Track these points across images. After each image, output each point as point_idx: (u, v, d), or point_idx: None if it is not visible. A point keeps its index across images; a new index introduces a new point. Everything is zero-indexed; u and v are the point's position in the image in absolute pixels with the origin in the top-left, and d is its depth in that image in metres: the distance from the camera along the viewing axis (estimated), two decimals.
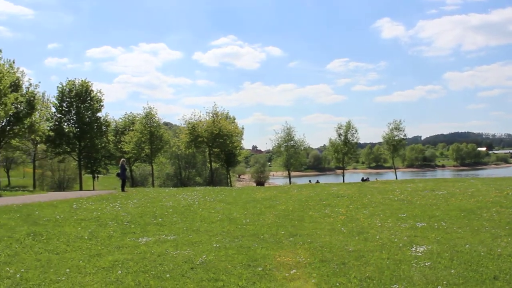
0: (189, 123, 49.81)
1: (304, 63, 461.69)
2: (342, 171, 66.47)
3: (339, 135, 62.15)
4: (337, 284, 6.36)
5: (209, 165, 56.55)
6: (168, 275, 6.81)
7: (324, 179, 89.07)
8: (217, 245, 8.96)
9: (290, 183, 57.86)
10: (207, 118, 50.25)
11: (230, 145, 49.93)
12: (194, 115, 50.82)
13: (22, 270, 7.13)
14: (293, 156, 61.85)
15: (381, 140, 66.96)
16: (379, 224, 11.23)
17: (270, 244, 9.12)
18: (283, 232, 10.40)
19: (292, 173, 67.14)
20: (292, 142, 62.93)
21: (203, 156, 61.91)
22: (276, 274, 6.87)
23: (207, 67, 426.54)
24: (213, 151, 51.27)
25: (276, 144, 63.67)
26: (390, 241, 9.10)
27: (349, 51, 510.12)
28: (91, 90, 47.48)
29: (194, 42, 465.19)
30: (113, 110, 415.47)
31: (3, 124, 37.22)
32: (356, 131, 62.36)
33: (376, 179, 53.41)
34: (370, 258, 7.74)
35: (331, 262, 7.50)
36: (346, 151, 61.63)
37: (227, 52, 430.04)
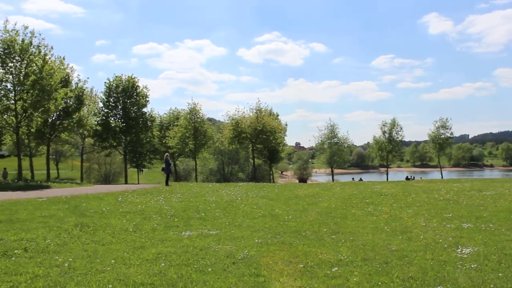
0: (232, 119, 50.12)
1: (349, 59, 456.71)
2: (386, 169, 65.47)
3: (384, 132, 61.47)
4: (379, 283, 6.27)
5: (252, 161, 56.74)
6: (210, 269, 6.88)
7: (367, 177, 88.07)
8: (259, 241, 9.00)
9: (333, 180, 57.48)
10: (251, 114, 50.45)
11: (273, 141, 50.00)
12: (238, 111, 51.16)
13: (70, 259, 7.33)
14: (336, 153, 61.49)
15: (426, 138, 65.75)
16: (424, 224, 11.03)
17: (312, 241, 9.09)
18: (325, 230, 10.35)
19: (335, 171, 66.72)
20: (335, 139, 62.62)
21: (246, 152, 62.17)
22: (318, 271, 6.84)
23: (251, 63, 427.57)
24: (256, 147, 51.46)
25: (320, 141, 63.50)
26: (435, 241, 8.92)
27: (394, 48, 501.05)
28: (137, 86, 48.37)
29: (238, 38, 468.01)
30: (158, 106, 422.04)
31: (53, 118, 38.45)
32: (401, 128, 61.55)
33: (421, 178, 52.49)
34: (413, 258, 7.61)
35: (374, 261, 7.41)
36: (390, 149, 60.87)
37: (271, 48, 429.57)
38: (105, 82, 48.17)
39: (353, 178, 59.91)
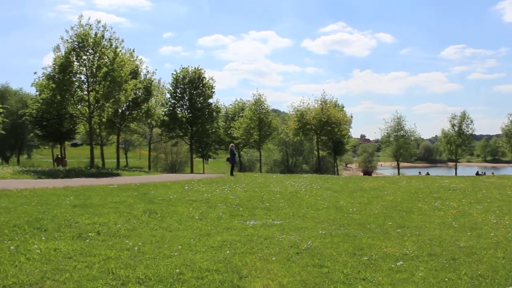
0: (297, 110, 50.04)
1: (417, 50, 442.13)
2: (454, 163, 63.50)
3: (453, 125, 59.58)
4: (446, 279, 6.14)
5: (317, 153, 56.48)
6: (274, 258, 6.96)
7: (434, 171, 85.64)
8: (323, 232, 9.00)
9: (398, 174, 56.28)
10: (316, 106, 50.15)
11: (338, 133, 49.56)
12: (303, 103, 50.98)
13: (139, 243, 7.62)
14: (402, 146, 60.16)
15: (499, 132, 63.05)
16: (495, 221, 10.64)
17: (376, 234, 8.99)
18: (390, 223, 10.20)
19: (401, 164, 65.33)
20: (402, 132, 61.28)
21: (310, 144, 62.01)
22: (382, 265, 6.77)
23: (316, 54, 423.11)
24: (321, 139, 51.22)
25: (386, 134, 62.35)
26: (506, 239, 8.60)
27: (465, 37, 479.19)
28: (204, 77, 49.16)
29: (303, 29, 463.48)
30: (223, 97, 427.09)
31: (123, 108, 39.78)
32: (472, 122, 59.44)
33: (493, 173, 50.44)
34: (483, 255, 7.38)
35: (440, 257, 7.25)
36: (459, 143, 58.92)
37: (336, 39, 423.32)
38: (172, 74, 49.30)
39: (419, 172, 58.31)
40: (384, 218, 10.93)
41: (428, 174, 47.92)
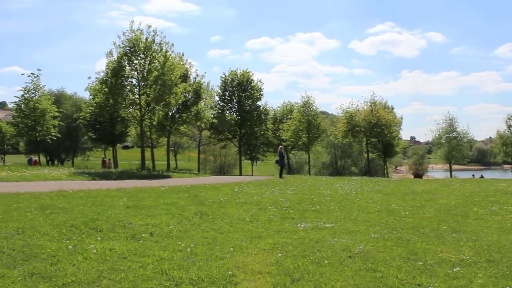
0: (346, 112, 49.51)
1: (469, 48, 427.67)
2: (511, 166, 61.24)
3: (509, 126, 57.46)
4: (507, 287, 5.92)
5: (366, 155, 55.72)
6: (326, 262, 6.89)
7: (489, 174, 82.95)
8: (375, 236, 8.85)
9: (451, 176, 54.82)
10: (365, 107, 49.50)
11: (388, 135, 48.71)
12: (352, 104, 50.43)
13: (191, 245, 7.69)
14: (455, 148, 58.52)
15: None
16: None
17: (430, 238, 8.77)
18: (444, 227, 9.92)
19: (453, 167, 63.56)
20: (454, 133, 59.62)
21: (359, 146, 61.10)
22: (438, 270, 6.59)
23: (364, 55, 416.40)
24: (370, 141, 50.46)
25: (437, 135, 60.81)
26: None
27: None
28: (252, 80, 49.37)
29: (351, 30, 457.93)
30: (271, 99, 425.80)
31: (173, 111, 40.42)
32: None
33: None
34: None
35: (500, 263, 6.99)
36: None
37: (384, 39, 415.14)
38: (220, 77, 49.78)
39: (473, 175, 56.50)
40: (438, 222, 10.65)
41: (482, 177, 46.44)
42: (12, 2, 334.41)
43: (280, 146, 31.25)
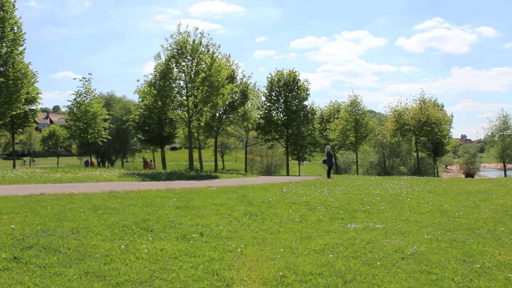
0: (395, 111, 48.66)
1: None
2: None
3: None
4: None
5: (415, 154, 54.63)
6: (378, 263, 6.75)
7: None
8: (428, 237, 8.61)
9: (505, 176, 53.00)
10: (414, 106, 48.50)
11: (438, 133, 47.57)
12: (400, 103, 49.51)
13: (241, 245, 7.69)
14: (509, 146, 56.62)
15: None
16: None
17: (487, 240, 8.46)
18: (502, 229, 9.55)
19: (508, 166, 61.45)
20: (508, 131, 57.69)
21: (408, 145, 59.95)
22: (497, 274, 6.34)
23: (411, 53, 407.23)
24: (419, 140, 49.41)
25: (490, 133, 59.01)
26: None
27: None
28: (298, 80, 49.18)
29: (397, 27, 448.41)
30: (317, 98, 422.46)
31: (220, 112, 40.72)
32: None
33: None
34: None
35: None
36: None
37: (432, 36, 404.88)
38: (267, 77, 49.79)
39: None
40: (494, 223, 10.27)
41: None
42: (63, 10, 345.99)
43: (328, 146, 30.97)
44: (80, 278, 5.83)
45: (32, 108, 40.52)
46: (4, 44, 22.55)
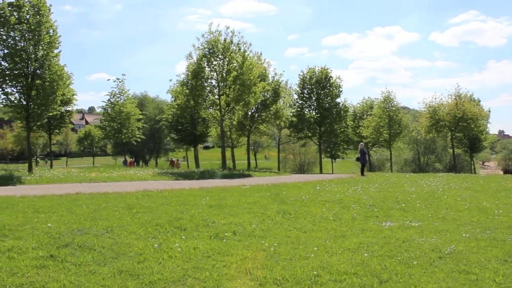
0: (429, 107, 47.79)
1: None
2: None
3: None
4: None
5: (451, 151, 53.60)
6: (415, 262, 6.58)
7: None
8: (467, 235, 8.37)
9: None
10: (449, 101, 47.54)
11: (475, 129, 46.49)
12: (435, 98, 48.59)
13: (275, 244, 7.61)
14: None
15: None
16: None
17: None
18: None
19: None
20: None
21: (444, 141, 58.91)
22: None
23: (446, 47, 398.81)
24: (455, 136, 48.44)
25: None
26: None
27: None
28: (330, 77, 48.82)
29: (431, 21, 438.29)
30: (350, 96, 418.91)
31: (253, 111, 40.76)
32: None
33: None
34: None
35: None
36: None
37: (467, 29, 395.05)
38: (299, 74, 49.61)
39: None
40: None
41: None
42: (97, 13, 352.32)
43: (361, 143, 30.62)
44: (114, 277, 5.85)
45: (68, 109, 41.29)
46: (41, 47, 22.99)
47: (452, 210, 11.53)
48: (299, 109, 48.77)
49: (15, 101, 23.62)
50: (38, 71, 23.11)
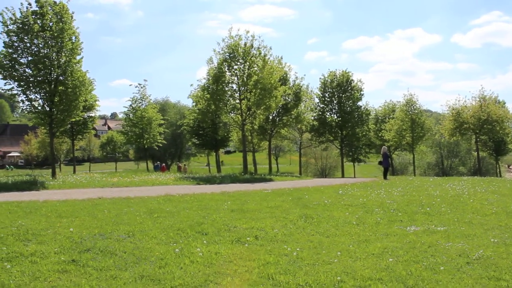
0: (453, 109, 47.09)
1: None
2: None
3: None
4: None
5: (475, 154, 52.78)
6: (441, 268, 6.40)
7: None
8: (495, 240, 8.14)
9: None
10: (473, 103, 46.77)
11: (501, 131, 45.65)
12: (459, 101, 47.85)
13: (297, 249, 7.50)
14: None
15: None
16: None
17: None
18: None
19: None
20: None
21: (468, 144, 58.05)
22: None
23: (468, 49, 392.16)
24: (480, 139, 47.66)
25: None
26: None
27: None
28: (352, 80, 48.48)
29: (452, 23, 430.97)
30: (371, 99, 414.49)
31: (274, 115, 40.69)
32: None
33: None
34: None
35: None
36: None
37: (490, 30, 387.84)
38: (320, 78, 49.36)
39: None
40: None
41: None
42: (119, 20, 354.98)
43: (384, 147, 30.33)
44: (135, 282, 5.81)
45: (90, 115, 41.71)
46: (63, 54, 23.26)
47: (479, 214, 11.26)
48: (320, 112, 48.51)
49: (39, 108, 23.91)
50: (61, 77, 23.38)
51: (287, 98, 39.75)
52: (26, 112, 26.31)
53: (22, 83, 22.99)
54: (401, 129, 48.21)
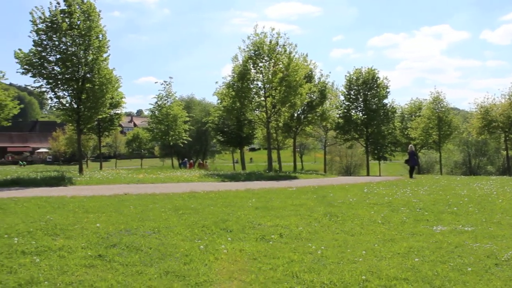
0: (481, 107, 46.30)
1: None
2: None
3: None
4: None
5: (504, 153, 51.79)
6: (469, 269, 6.31)
7: None
8: None
9: None
10: (503, 101, 45.91)
11: None
12: (487, 98, 47.02)
13: (322, 247, 7.47)
14: None
15: None
16: None
17: None
18: None
19: None
20: None
21: (496, 143, 56.94)
22: None
23: (497, 45, 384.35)
24: (509, 137, 46.75)
25: None
26: None
27: None
28: (377, 77, 47.97)
29: (481, 19, 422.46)
30: (398, 96, 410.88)
31: (299, 112, 40.58)
32: None
33: None
34: None
35: None
36: None
37: None
38: (345, 75, 48.93)
39: None
40: None
41: None
42: (145, 18, 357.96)
43: (410, 145, 29.99)
44: (161, 277, 5.87)
45: (116, 112, 42.16)
46: (91, 52, 23.60)
47: (508, 214, 11.04)
48: (345, 110, 48.10)
49: (67, 105, 24.34)
50: (88, 75, 23.72)
51: (312, 95, 39.57)
52: (54, 109, 26.76)
53: (50, 81, 23.42)
54: (427, 127, 47.58)
